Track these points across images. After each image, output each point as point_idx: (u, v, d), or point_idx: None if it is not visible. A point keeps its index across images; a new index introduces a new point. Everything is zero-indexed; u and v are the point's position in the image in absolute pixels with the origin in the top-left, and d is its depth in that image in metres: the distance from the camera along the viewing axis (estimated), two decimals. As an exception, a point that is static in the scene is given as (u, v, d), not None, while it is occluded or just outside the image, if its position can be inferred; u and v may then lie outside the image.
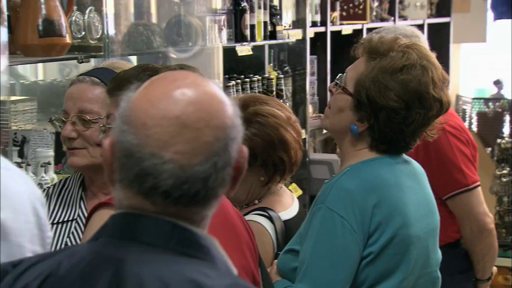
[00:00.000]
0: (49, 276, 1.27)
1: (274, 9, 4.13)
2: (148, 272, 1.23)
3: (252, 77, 3.96)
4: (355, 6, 5.13)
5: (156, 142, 1.23)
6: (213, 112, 1.26)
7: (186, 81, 1.28)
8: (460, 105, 6.34)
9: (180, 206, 1.25)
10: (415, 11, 5.74)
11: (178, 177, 1.23)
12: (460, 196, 2.96)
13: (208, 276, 1.24)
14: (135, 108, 1.26)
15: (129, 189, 1.26)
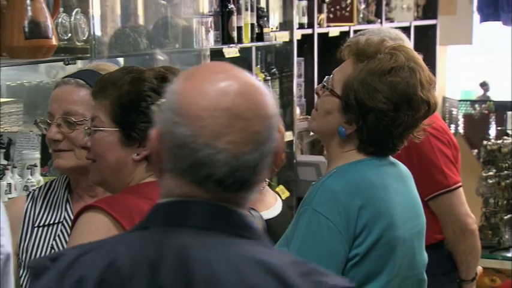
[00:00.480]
0: (109, 266, 1.29)
1: (261, 11, 4.14)
2: (214, 255, 1.29)
3: (239, 79, 3.96)
4: (342, 8, 5.15)
5: (210, 133, 1.29)
6: (258, 102, 1.32)
7: (230, 73, 1.33)
8: (446, 107, 6.36)
9: (230, 192, 1.32)
10: (402, 13, 5.76)
11: (231, 166, 1.30)
12: (441, 197, 2.97)
13: (270, 255, 1.31)
14: (185, 100, 1.31)
15: (181, 178, 1.32)
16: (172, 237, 1.31)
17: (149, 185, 1.82)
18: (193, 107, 1.30)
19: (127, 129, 1.80)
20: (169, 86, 1.35)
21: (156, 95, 1.80)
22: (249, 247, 1.32)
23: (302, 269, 1.32)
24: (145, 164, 1.83)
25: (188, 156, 1.30)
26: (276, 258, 1.31)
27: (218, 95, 1.30)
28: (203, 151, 1.29)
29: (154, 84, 1.81)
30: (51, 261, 1.34)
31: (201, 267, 1.28)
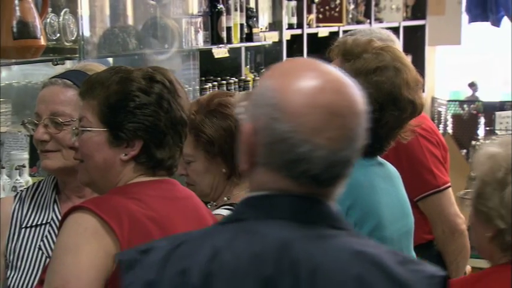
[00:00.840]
0: (213, 258, 1.31)
1: (250, 12, 4.14)
2: (316, 247, 1.32)
3: (229, 79, 3.97)
4: (332, 8, 5.15)
5: (309, 129, 1.32)
6: (353, 100, 1.36)
7: (323, 70, 1.37)
8: (435, 108, 6.37)
9: (323, 186, 1.36)
10: (391, 13, 5.77)
11: (328, 162, 1.33)
12: (431, 197, 2.98)
13: (366, 245, 1.35)
14: (285, 96, 1.34)
15: (277, 172, 1.35)
16: (272, 230, 1.33)
17: (137, 185, 1.81)
18: (293, 103, 1.33)
19: (115, 130, 1.80)
20: (262, 81, 1.39)
21: (144, 95, 1.80)
22: (345, 238, 1.36)
23: (397, 258, 1.35)
24: (133, 164, 1.82)
25: (287, 152, 1.33)
26: (371, 248, 1.35)
27: (317, 93, 1.34)
28: (302, 147, 1.32)
29: (142, 84, 1.81)
30: (141, 253, 1.37)
31: (305, 259, 1.31)
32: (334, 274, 1.30)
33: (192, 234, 1.41)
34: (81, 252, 1.67)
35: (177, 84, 1.85)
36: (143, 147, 1.80)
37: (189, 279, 1.31)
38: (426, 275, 1.34)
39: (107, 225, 1.70)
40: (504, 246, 1.80)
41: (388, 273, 1.31)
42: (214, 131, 2.30)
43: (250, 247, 1.32)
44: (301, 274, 1.30)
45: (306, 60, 1.44)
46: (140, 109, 1.79)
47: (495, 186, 1.76)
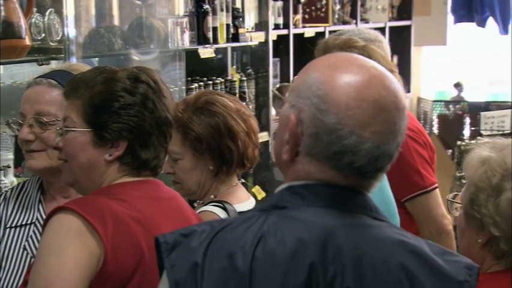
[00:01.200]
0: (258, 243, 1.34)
1: (236, 12, 4.14)
2: (361, 236, 1.36)
3: (215, 80, 3.96)
4: (318, 9, 5.16)
5: (357, 122, 1.36)
6: (398, 96, 1.39)
7: (369, 65, 1.41)
8: (421, 108, 6.40)
9: (366, 179, 1.40)
10: (377, 14, 5.79)
11: (373, 155, 1.37)
12: (418, 198, 2.98)
13: (405, 236, 1.39)
14: (334, 89, 1.37)
15: (322, 163, 1.38)
16: (316, 218, 1.36)
17: (121, 185, 1.81)
18: (342, 96, 1.36)
19: (99, 130, 1.79)
20: (306, 73, 1.41)
21: (128, 95, 1.79)
22: (386, 229, 1.40)
23: (435, 249, 1.39)
24: (118, 165, 1.82)
25: (334, 143, 1.36)
26: (411, 239, 1.39)
27: (365, 87, 1.37)
28: (349, 139, 1.36)
29: (127, 84, 1.80)
30: (183, 236, 1.39)
31: (350, 247, 1.34)
32: (378, 262, 1.34)
33: (233, 220, 1.43)
34: (65, 253, 1.67)
35: (162, 84, 1.84)
36: (128, 148, 1.80)
37: (236, 263, 1.33)
38: (464, 265, 1.38)
39: (90, 226, 1.69)
40: (498, 254, 1.76)
41: (430, 263, 1.35)
42: (202, 128, 2.31)
43: (295, 233, 1.34)
44: (347, 262, 1.33)
45: (350, 54, 1.46)
46: (125, 109, 1.78)
47: (490, 193, 1.73)
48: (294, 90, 1.42)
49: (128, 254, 1.70)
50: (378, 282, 1.33)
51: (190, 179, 2.33)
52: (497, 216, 1.72)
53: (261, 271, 1.33)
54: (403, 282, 1.33)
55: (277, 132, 1.45)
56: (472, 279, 1.37)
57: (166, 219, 1.78)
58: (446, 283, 1.35)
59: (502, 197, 1.71)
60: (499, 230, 1.72)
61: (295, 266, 1.33)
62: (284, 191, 1.42)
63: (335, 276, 1.33)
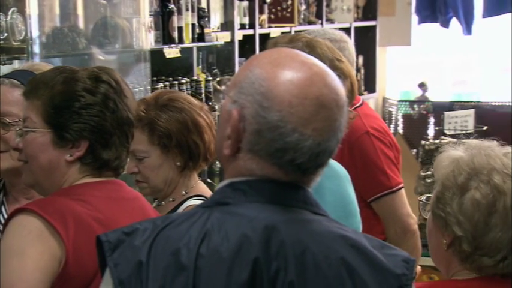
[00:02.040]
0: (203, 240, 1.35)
1: (202, 12, 4.13)
2: (302, 230, 1.37)
3: (181, 80, 3.95)
4: (283, 9, 5.17)
5: (299, 119, 1.37)
6: (338, 93, 1.41)
7: (310, 62, 1.42)
8: (386, 108, 6.44)
9: (306, 175, 1.42)
10: (342, 14, 5.82)
11: (314, 152, 1.38)
12: (384, 198, 3.00)
13: (345, 230, 1.41)
14: (276, 86, 1.38)
15: (264, 160, 1.39)
16: (259, 213, 1.37)
17: (82, 186, 1.79)
18: (285, 93, 1.37)
19: (59, 130, 1.78)
20: (251, 69, 1.41)
21: (89, 95, 1.78)
22: (327, 223, 1.41)
23: (374, 243, 1.41)
24: (79, 165, 1.80)
25: (277, 141, 1.37)
26: (351, 233, 1.41)
27: (307, 85, 1.38)
28: (292, 136, 1.37)
29: (87, 84, 1.79)
30: (126, 234, 1.39)
31: (293, 241, 1.36)
32: (320, 257, 1.35)
33: (176, 217, 1.43)
34: (26, 255, 1.65)
35: (123, 84, 1.83)
36: (89, 148, 1.78)
37: (181, 260, 1.33)
38: (402, 258, 1.40)
39: (51, 227, 1.67)
40: (462, 256, 1.73)
41: (369, 257, 1.38)
42: (171, 124, 2.32)
43: (239, 230, 1.35)
44: (289, 257, 1.35)
45: (291, 50, 1.46)
46: (85, 109, 1.77)
47: (455, 191, 1.71)
48: (236, 86, 1.42)
49: (90, 255, 1.68)
50: (320, 276, 1.35)
51: (158, 176, 2.34)
52: (460, 215, 1.71)
53: (206, 268, 1.33)
54: (344, 276, 1.35)
55: (219, 126, 1.45)
56: (410, 272, 1.39)
57: (128, 220, 1.76)
58: (384, 276, 1.37)
59: (466, 196, 1.70)
60: (462, 229, 1.71)
61: (239, 262, 1.34)
62: (226, 187, 1.42)
63: (278, 271, 1.34)
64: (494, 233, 1.69)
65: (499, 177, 1.70)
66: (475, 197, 1.70)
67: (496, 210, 1.69)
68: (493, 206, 1.69)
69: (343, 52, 2.98)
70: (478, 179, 1.70)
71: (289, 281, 1.34)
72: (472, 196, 1.70)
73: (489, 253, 1.71)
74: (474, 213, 1.70)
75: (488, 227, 1.69)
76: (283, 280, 1.34)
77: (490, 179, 1.70)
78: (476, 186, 1.70)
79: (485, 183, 1.70)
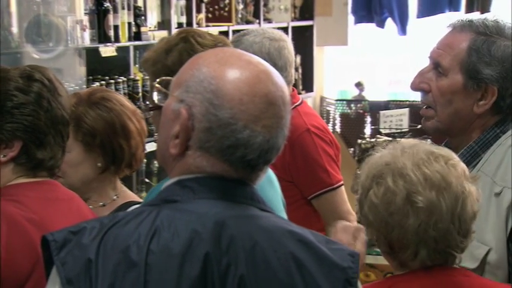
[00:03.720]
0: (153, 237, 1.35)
1: (138, 10, 4.10)
2: (252, 226, 1.39)
3: (117, 79, 3.90)
4: (221, 8, 5.16)
5: (250, 117, 1.39)
6: (284, 91, 1.44)
7: (255, 60, 1.45)
8: (324, 107, 6.49)
9: (255, 171, 1.44)
10: (280, 14, 5.84)
11: (264, 148, 1.41)
12: (325, 195, 3.02)
13: (292, 226, 1.44)
14: (225, 84, 1.40)
15: (215, 157, 1.41)
16: (209, 210, 1.39)
17: (16, 186, 1.76)
18: (235, 91, 1.39)
19: (-8, 130, 1.74)
20: (198, 68, 1.42)
21: (22, 94, 1.74)
22: (274, 219, 1.44)
23: (319, 238, 1.44)
24: (12, 166, 1.77)
25: (228, 137, 1.39)
26: (297, 229, 1.44)
27: (256, 82, 1.41)
28: (243, 133, 1.39)
29: (19, 83, 1.75)
30: (73, 233, 1.38)
31: (243, 236, 1.37)
32: (270, 251, 1.38)
33: (123, 215, 1.42)
34: None
35: (56, 82, 1.80)
36: (23, 148, 1.75)
37: (131, 257, 1.34)
38: (347, 252, 1.43)
39: None
40: (385, 255, 1.77)
41: (316, 251, 1.41)
42: (97, 123, 2.27)
43: (189, 226, 1.36)
44: (240, 251, 1.36)
45: (235, 50, 1.50)
46: (18, 109, 1.73)
47: (365, 193, 1.75)
48: (181, 85, 1.43)
49: (23, 257, 1.65)
50: (270, 270, 1.37)
51: (76, 174, 2.26)
52: (370, 216, 1.73)
53: (156, 264, 1.34)
54: (293, 269, 1.38)
55: (162, 126, 1.45)
56: (355, 266, 1.42)
57: (64, 220, 1.74)
58: (331, 270, 1.40)
59: (368, 198, 1.72)
60: (375, 230, 1.74)
61: (190, 258, 1.34)
62: (174, 185, 1.43)
63: (229, 265, 1.35)
64: (396, 231, 1.72)
65: (390, 178, 1.72)
66: (372, 200, 1.73)
67: (392, 211, 1.71)
68: (389, 206, 1.71)
69: (283, 51, 2.99)
70: (376, 181, 1.73)
71: (240, 275, 1.35)
72: (370, 198, 1.73)
73: (401, 250, 1.74)
74: (378, 214, 1.73)
75: (390, 226, 1.72)
76: (233, 274, 1.35)
77: (384, 180, 1.72)
78: (373, 188, 1.73)
79: (380, 185, 1.73)
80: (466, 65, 1.97)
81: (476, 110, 2.00)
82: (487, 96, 1.98)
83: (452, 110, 2.00)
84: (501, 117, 2.02)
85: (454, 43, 2.00)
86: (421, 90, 2.04)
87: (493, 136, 2.01)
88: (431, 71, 2.03)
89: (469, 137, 2.03)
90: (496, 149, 2.00)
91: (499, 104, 1.99)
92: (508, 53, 1.96)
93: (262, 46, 2.94)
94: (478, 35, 1.98)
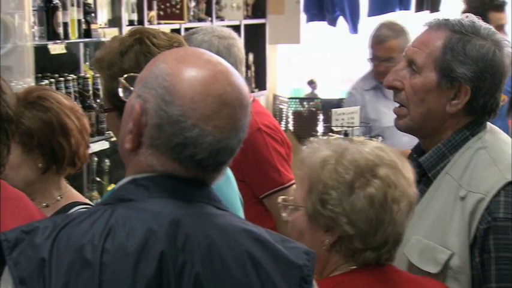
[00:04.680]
0: (107, 236, 1.35)
1: (88, 7, 4.04)
2: (207, 224, 1.39)
3: (67, 76, 3.85)
4: (173, 5, 5.13)
5: (200, 116, 1.38)
6: (242, 93, 1.43)
7: (216, 60, 1.43)
8: (277, 105, 6.50)
9: (207, 172, 1.42)
10: (232, 11, 5.83)
11: (214, 149, 1.39)
12: (276, 194, 3.01)
13: (248, 225, 1.43)
14: (180, 82, 1.39)
15: (165, 155, 1.40)
16: (164, 208, 1.38)
17: None
18: (187, 89, 1.38)
19: None
20: (157, 65, 1.41)
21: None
22: (230, 217, 1.44)
23: (275, 237, 1.44)
24: None
25: (177, 135, 1.38)
26: (253, 228, 1.43)
27: (211, 82, 1.39)
28: (192, 132, 1.38)
29: None
30: (25, 233, 1.37)
31: (198, 235, 1.37)
32: (226, 249, 1.38)
33: (77, 215, 1.41)
34: None
35: (0, 80, 1.76)
36: (-34, 147, 1.71)
37: (85, 256, 1.33)
38: (303, 251, 1.43)
39: None
40: (349, 253, 1.72)
41: (272, 250, 1.41)
42: (34, 123, 2.23)
43: (144, 224, 1.36)
44: (196, 250, 1.36)
45: (197, 49, 1.49)
46: None
47: (344, 190, 1.69)
48: (141, 81, 1.44)
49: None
50: (225, 268, 1.37)
51: (17, 176, 2.22)
52: (353, 214, 1.68)
53: (111, 263, 1.33)
54: (248, 267, 1.38)
55: (122, 121, 1.45)
56: (310, 264, 1.42)
57: (11, 220, 1.70)
58: (287, 268, 1.40)
59: (358, 194, 1.68)
60: (355, 228, 1.69)
61: (145, 257, 1.34)
62: (128, 184, 1.42)
63: (185, 264, 1.35)
64: (384, 228, 1.70)
65: (384, 170, 1.71)
66: (368, 193, 1.69)
67: (386, 205, 1.69)
68: (385, 200, 1.69)
69: (232, 49, 2.98)
70: (368, 175, 1.69)
71: (195, 273, 1.35)
72: (366, 192, 1.69)
73: (376, 248, 1.72)
74: (369, 210, 1.69)
75: (380, 222, 1.70)
76: (189, 273, 1.35)
77: (376, 173, 1.70)
78: (366, 182, 1.69)
79: (375, 177, 1.70)
80: (440, 63, 1.93)
81: (449, 110, 1.95)
82: (460, 96, 1.94)
83: (425, 109, 1.96)
84: (473, 118, 1.98)
85: (429, 41, 1.96)
86: (394, 88, 2.00)
87: (462, 138, 1.97)
88: (406, 68, 1.99)
89: (441, 138, 1.99)
90: (465, 152, 1.96)
91: (472, 104, 1.95)
92: (483, 52, 1.92)
93: (211, 45, 2.93)
94: (454, 34, 1.94)
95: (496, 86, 1.95)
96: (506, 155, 1.95)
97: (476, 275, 1.89)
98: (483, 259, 1.87)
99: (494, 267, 1.86)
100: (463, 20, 1.97)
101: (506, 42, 1.98)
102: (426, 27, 2.01)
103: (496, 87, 1.96)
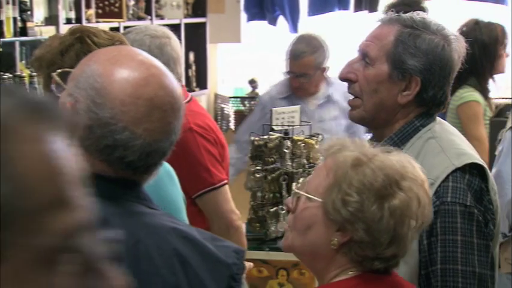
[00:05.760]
0: None
1: (24, 5, 3.99)
2: (136, 222, 1.39)
3: (3, 75, 3.79)
4: (111, 4, 5.08)
5: (131, 119, 1.37)
6: (175, 96, 1.42)
7: (150, 63, 1.43)
8: (218, 104, 6.50)
9: (137, 173, 1.43)
10: (172, 10, 5.79)
11: (144, 151, 1.39)
12: (207, 194, 3.02)
13: (177, 224, 1.45)
14: (109, 84, 1.38)
15: (94, 156, 1.38)
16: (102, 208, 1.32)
17: None
18: (118, 91, 1.37)
19: None
20: (89, 64, 1.40)
21: None
22: (159, 216, 1.44)
23: (205, 236, 1.45)
24: None
25: (106, 137, 1.37)
26: (183, 226, 1.45)
27: (143, 85, 1.38)
28: (122, 134, 1.37)
29: None
30: None
31: (127, 233, 1.32)
32: (154, 247, 1.38)
33: None
34: None
35: None
36: None
37: None
38: (232, 249, 1.45)
39: None
40: (357, 259, 1.65)
41: (200, 248, 1.42)
42: None
43: None
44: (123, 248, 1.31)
45: (132, 49, 1.48)
46: None
47: (370, 197, 1.61)
48: (73, 79, 1.42)
49: None
50: (153, 266, 1.37)
51: None
52: (374, 223, 1.61)
53: None
54: (176, 266, 1.38)
55: None
56: (240, 262, 1.43)
57: None
58: (216, 266, 1.41)
59: (381, 204, 1.61)
60: (371, 236, 1.62)
61: None
62: None
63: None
64: (398, 241, 1.64)
65: (407, 183, 1.65)
66: (392, 204, 1.62)
67: (406, 219, 1.63)
68: (406, 214, 1.63)
69: (165, 48, 2.95)
70: (394, 185, 1.63)
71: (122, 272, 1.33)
72: (390, 204, 1.62)
73: (386, 259, 1.66)
74: (389, 222, 1.62)
75: (396, 235, 1.63)
76: None
77: (401, 185, 1.64)
78: (392, 193, 1.63)
79: (400, 189, 1.63)
80: (392, 56, 2.01)
81: (400, 100, 2.03)
82: (411, 87, 2.02)
83: (377, 100, 2.03)
84: (423, 110, 2.05)
85: (381, 35, 2.05)
86: (348, 80, 2.07)
87: (413, 129, 2.04)
88: (359, 61, 2.06)
89: (393, 129, 2.06)
90: (416, 141, 2.03)
91: (422, 95, 2.03)
92: (433, 46, 2.00)
93: (142, 44, 2.90)
94: (405, 28, 2.02)
95: (444, 78, 2.03)
96: (455, 144, 2.03)
97: (423, 257, 1.93)
98: (430, 241, 1.92)
99: (440, 249, 1.91)
100: (414, 16, 2.05)
101: (454, 37, 2.05)
102: (379, 22, 2.09)
103: (444, 80, 2.03)
